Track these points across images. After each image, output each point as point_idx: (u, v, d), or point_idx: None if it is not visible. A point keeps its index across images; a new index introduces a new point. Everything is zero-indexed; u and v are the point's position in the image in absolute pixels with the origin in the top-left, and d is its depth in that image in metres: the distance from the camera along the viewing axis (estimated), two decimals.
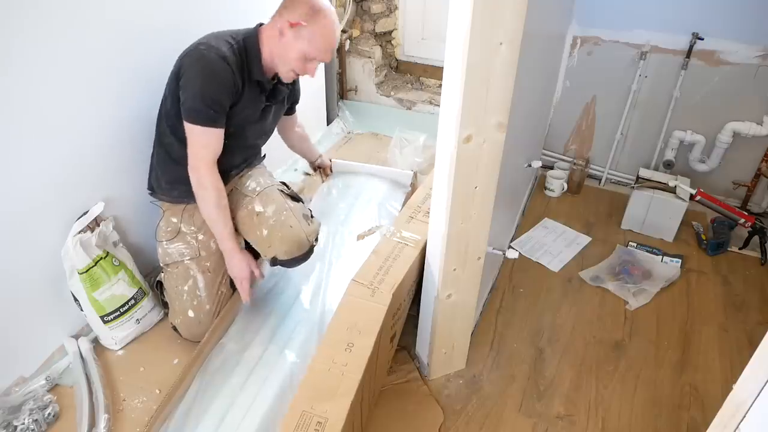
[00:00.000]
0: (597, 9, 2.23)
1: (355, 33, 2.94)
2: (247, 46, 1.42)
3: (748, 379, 0.68)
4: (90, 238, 1.44)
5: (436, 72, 2.98)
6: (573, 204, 2.40)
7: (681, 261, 2.01)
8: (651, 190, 2.12)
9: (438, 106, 1.72)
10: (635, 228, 2.20)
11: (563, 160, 2.61)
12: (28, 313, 1.40)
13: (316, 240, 1.60)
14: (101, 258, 1.46)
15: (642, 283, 1.89)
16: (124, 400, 1.40)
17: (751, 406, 0.67)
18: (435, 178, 1.19)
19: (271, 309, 1.65)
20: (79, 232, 1.42)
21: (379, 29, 2.95)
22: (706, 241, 2.09)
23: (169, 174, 1.52)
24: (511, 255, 1.42)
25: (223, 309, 1.56)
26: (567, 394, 1.49)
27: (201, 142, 1.39)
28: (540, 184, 2.52)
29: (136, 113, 1.55)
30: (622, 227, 2.22)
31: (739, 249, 2.10)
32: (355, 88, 3.03)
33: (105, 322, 1.49)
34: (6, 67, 1.20)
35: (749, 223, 2.08)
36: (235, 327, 1.58)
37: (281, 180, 1.73)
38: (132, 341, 1.56)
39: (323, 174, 2.18)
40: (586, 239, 2.15)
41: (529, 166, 1.85)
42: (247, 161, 1.67)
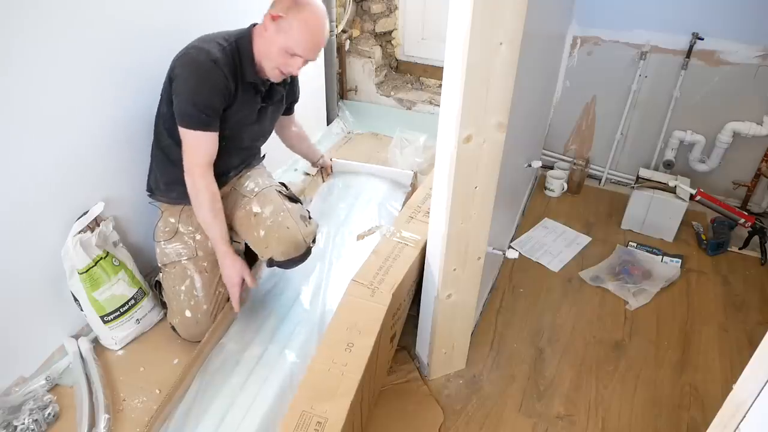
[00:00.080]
0: (597, 9, 2.23)
1: (355, 33, 2.94)
2: (240, 47, 1.40)
3: (748, 379, 0.68)
4: (90, 238, 1.44)
5: (436, 72, 2.98)
6: (573, 204, 2.40)
7: (681, 261, 2.01)
8: (651, 190, 2.12)
9: (438, 106, 1.72)
10: (635, 228, 2.20)
11: (563, 160, 2.61)
12: (28, 313, 1.40)
13: (313, 242, 1.59)
14: (101, 258, 1.46)
15: (642, 283, 1.89)
16: (124, 400, 1.40)
17: (751, 406, 0.67)
18: (435, 178, 1.19)
19: (271, 309, 1.65)
20: (79, 232, 1.42)
21: (379, 29, 2.95)
22: (706, 241, 2.09)
23: (168, 175, 1.52)
24: (511, 255, 1.42)
25: (223, 309, 1.55)
26: (567, 394, 1.49)
27: (194, 145, 1.39)
28: (540, 184, 2.52)
29: (136, 113, 1.55)
30: (622, 227, 2.22)
31: (739, 249, 2.10)
32: (355, 88, 3.03)
33: (105, 322, 1.49)
34: (6, 67, 1.20)
35: (749, 223, 2.08)
36: (235, 327, 1.58)
37: (281, 180, 1.73)
38: (132, 341, 1.56)
39: (324, 174, 2.18)
40: (586, 239, 2.15)
41: (529, 166, 1.85)
42: (246, 162, 1.66)
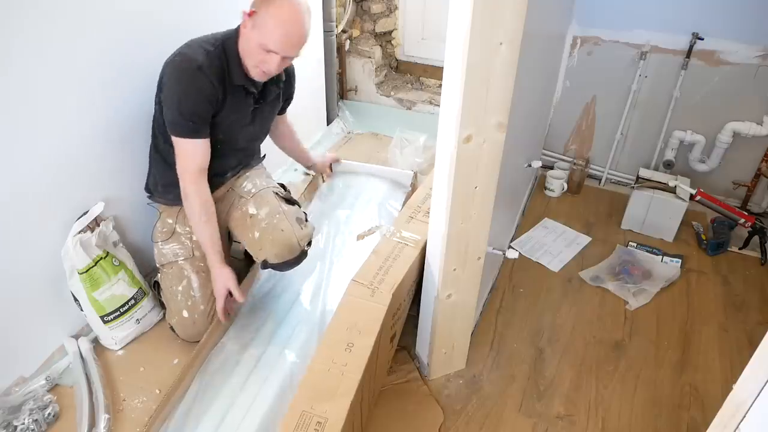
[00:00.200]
0: (597, 9, 2.23)
1: (355, 33, 2.94)
2: (226, 48, 1.38)
3: (748, 379, 0.68)
4: (90, 238, 1.44)
5: (436, 72, 2.98)
6: (573, 204, 2.40)
7: (681, 261, 2.01)
8: (651, 190, 2.12)
9: (438, 106, 1.71)
10: (635, 228, 2.20)
11: (563, 160, 2.61)
12: (28, 313, 1.40)
13: (308, 244, 1.57)
14: (101, 258, 1.46)
15: (642, 283, 1.89)
16: (124, 400, 1.40)
17: (751, 406, 0.67)
18: (435, 178, 1.19)
19: (271, 309, 1.65)
20: (79, 232, 1.42)
21: (379, 29, 2.95)
22: (706, 241, 2.09)
23: (165, 178, 1.52)
24: (511, 255, 1.42)
25: None
26: (567, 394, 1.49)
27: (185, 153, 1.39)
28: (540, 184, 2.52)
29: (135, 113, 1.55)
30: (622, 227, 2.22)
31: (739, 249, 2.10)
32: (355, 88, 3.02)
33: (105, 322, 1.49)
34: (6, 67, 1.20)
35: (749, 223, 2.08)
36: (235, 327, 1.58)
37: (280, 181, 1.72)
38: (132, 341, 1.56)
39: (324, 174, 2.18)
40: (586, 239, 2.15)
41: (529, 166, 1.85)
42: (243, 162, 1.66)
